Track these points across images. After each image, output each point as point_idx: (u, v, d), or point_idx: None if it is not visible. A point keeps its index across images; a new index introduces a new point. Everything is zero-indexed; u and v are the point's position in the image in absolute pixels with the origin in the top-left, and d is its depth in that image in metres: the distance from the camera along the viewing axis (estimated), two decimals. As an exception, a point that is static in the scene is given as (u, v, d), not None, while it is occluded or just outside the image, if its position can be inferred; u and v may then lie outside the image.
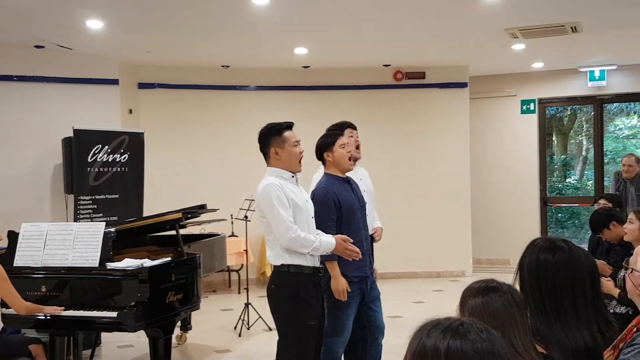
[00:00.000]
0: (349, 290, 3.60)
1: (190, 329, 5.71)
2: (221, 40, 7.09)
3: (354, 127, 4.36)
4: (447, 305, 8.14)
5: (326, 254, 3.40)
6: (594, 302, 1.95)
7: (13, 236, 4.03)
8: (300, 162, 3.43)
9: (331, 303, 3.67)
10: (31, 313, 3.58)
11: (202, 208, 4.96)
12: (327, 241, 3.33)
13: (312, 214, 3.48)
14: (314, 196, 3.70)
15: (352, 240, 3.46)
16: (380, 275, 8.65)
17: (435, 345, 1.17)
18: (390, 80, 8.87)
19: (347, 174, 3.92)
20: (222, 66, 8.43)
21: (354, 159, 4.19)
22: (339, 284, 3.57)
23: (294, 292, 3.28)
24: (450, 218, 8.79)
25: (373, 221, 4.45)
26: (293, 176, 3.44)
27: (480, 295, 1.77)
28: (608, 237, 4.50)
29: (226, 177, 8.34)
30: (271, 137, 3.40)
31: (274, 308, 3.36)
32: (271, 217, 3.27)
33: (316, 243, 3.28)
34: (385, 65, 8.70)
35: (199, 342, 5.86)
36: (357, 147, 4.31)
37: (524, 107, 9.57)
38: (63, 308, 3.69)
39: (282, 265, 3.31)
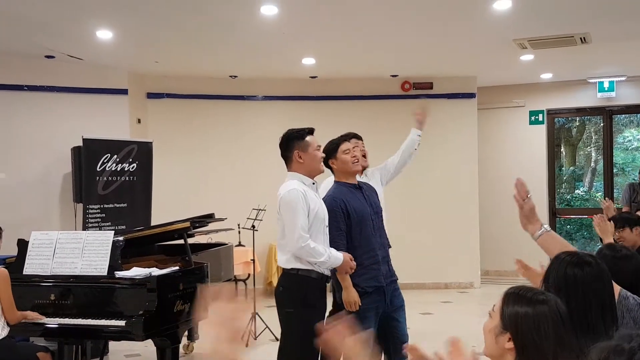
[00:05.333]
0: (360, 303, 3.53)
1: (198, 338, 5.70)
2: (229, 51, 7.13)
3: (359, 138, 4.35)
4: (456, 317, 8.05)
5: (330, 268, 3.40)
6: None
7: (23, 244, 4.04)
8: (321, 163, 3.50)
9: (352, 313, 3.58)
10: (18, 321, 3.60)
11: (209, 217, 4.96)
12: (336, 257, 3.35)
13: (327, 223, 3.48)
14: None
15: (352, 258, 3.43)
16: (387, 286, 8.69)
17: None
18: (398, 91, 8.87)
19: (363, 180, 3.93)
20: (230, 76, 8.47)
21: (362, 168, 4.20)
22: (350, 296, 3.52)
23: (301, 295, 3.31)
24: (458, 229, 8.76)
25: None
26: (314, 183, 3.48)
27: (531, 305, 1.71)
28: (628, 239, 4.40)
29: (234, 186, 8.35)
30: (294, 141, 3.46)
31: (281, 309, 3.39)
32: (287, 222, 3.31)
33: (325, 257, 3.30)
34: (393, 76, 8.71)
35: (206, 351, 5.84)
36: (364, 156, 4.29)
37: (533, 118, 9.54)
38: (43, 317, 3.71)
39: (292, 268, 3.35)
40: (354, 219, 3.62)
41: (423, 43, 6.96)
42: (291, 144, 3.46)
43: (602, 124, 9.68)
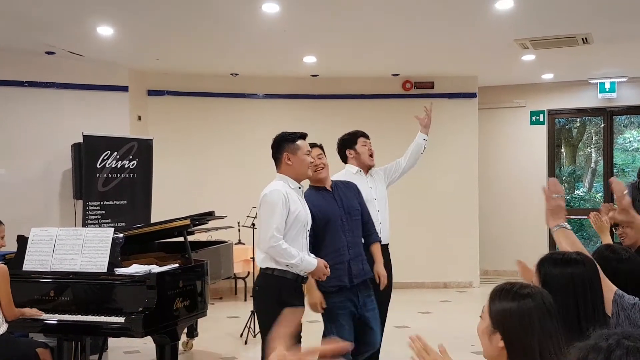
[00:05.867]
0: (323, 304, 3.56)
1: (197, 335, 5.70)
2: (230, 48, 7.12)
3: (366, 137, 4.43)
4: (455, 316, 8.05)
5: (304, 273, 3.41)
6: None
7: (22, 240, 4.04)
8: (309, 170, 3.55)
9: (325, 315, 3.66)
10: (16, 318, 3.60)
11: (209, 215, 4.96)
12: (309, 261, 3.38)
13: (308, 228, 3.52)
14: None
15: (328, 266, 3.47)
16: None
17: None
18: (399, 90, 8.87)
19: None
20: (231, 74, 8.46)
21: (368, 167, 4.32)
22: (311, 297, 3.58)
23: (276, 295, 3.32)
24: (458, 228, 8.76)
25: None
26: (300, 187, 3.51)
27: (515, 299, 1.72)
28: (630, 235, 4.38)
29: (234, 184, 8.34)
30: (285, 143, 3.50)
31: (258, 309, 3.48)
32: (263, 221, 3.38)
33: (296, 259, 3.32)
34: (394, 75, 8.70)
35: (205, 348, 5.85)
36: (371, 156, 4.38)
37: (533, 118, 9.53)
38: (42, 313, 3.71)
39: (267, 268, 3.39)
40: (319, 219, 3.65)
41: (424, 42, 6.96)
42: (282, 145, 3.50)
43: (602, 125, 9.68)
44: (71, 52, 7.00)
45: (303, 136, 3.55)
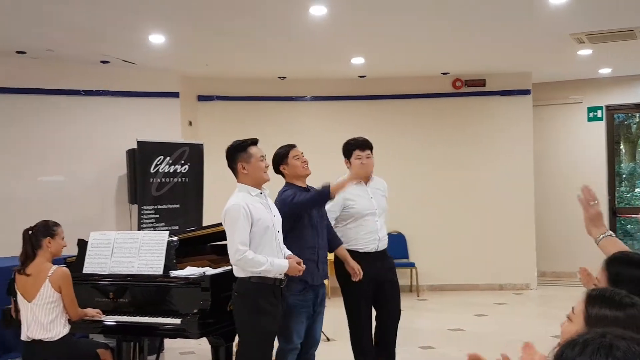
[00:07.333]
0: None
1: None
2: (278, 52, 7.15)
3: (362, 148, 4.29)
4: (512, 320, 7.82)
5: (279, 276, 3.46)
6: None
7: (82, 244, 4.14)
8: (265, 173, 3.60)
9: (285, 309, 3.73)
10: (79, 318, 3.70)
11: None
12: (279, 264, 3.42)
13: (279, 229, 3.58)
14: None
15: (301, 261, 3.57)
16: (439, 287, 8.57)
17: None
18: (449, 89, 8.73)
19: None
20: (279, 77, 8.51)
21: (366, 175, 4.31)
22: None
23: (254, 302, 3.40)
24: (513, 229, 8.54)
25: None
26: (261, 193, 3.58)
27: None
28: None
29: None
30: (237, 153, 3.56)
31: (236, 316, 3.51)
32: (228, 236, 3.44)
33: (265, 266, 3.36)
34: (444, 73, 8.57)
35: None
36: (366, 166, 4.33)
37: (591, 115, 9.24)
38: (101, 312, 3.81)
39: (244, 277, 3.44)
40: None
41: (475, 39, 6.82)
42: (235, 156, 3.55)
43: (664, 120, 9.29)
44: (125, 60, 7.17)
45: (254, 142, 3.61)
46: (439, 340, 6.05)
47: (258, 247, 3.42)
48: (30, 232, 3.71)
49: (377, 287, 4.20)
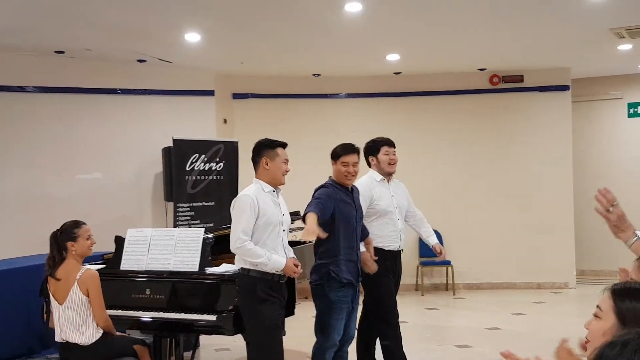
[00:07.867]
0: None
1: (284, 334, 5.73)
2: (312, 50, 7.14)
3: (390, 145, 4.48)
4: (550, 318, 7.63)
5: (275, 272, 3.51)
6: None
7: (120, 241, 4.20)
8: (284, 176, 3.70)
9: (322, 306, 3.89)
10: (105, 329, 3.64)
11: (295, 215, 4.97)
12: (277, 260, 3.48)
13: (286, 228, 3.68)
14: None
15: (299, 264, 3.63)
16: (476, 285, 8.47)
17: None
18: (486, 85, 8.59)
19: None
20: (313, 75, 8.50)
21: (387, 174, 4.44)
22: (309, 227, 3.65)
23: (254, 293, 3.49)
24: (552, 227, 8.37)
25: (428, 237, 4.65)
26: (274, 191, 3.66)
27: None
28: None
29: (317, 184, 8.35)
30: (265, 149, 3.66)
31: (241, 308, 3.59)
32: (233, 223, 3.52)
33: (263, 259, 3.44)
34: (481, 69, 8.44)
35: (293, 347, 5.86)
36: (391, 164, 4.45)
37: (631, 111, 9.00)
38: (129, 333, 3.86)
39: (243, 268, 3.53)
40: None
41: (512, 34, 6.70)
42: (262, 150, 3.65)
43: None
44: (161, 59, 7.26)
45: (283, 145, 3.71)
46: (476, 339, 5.97)
47: (260, 241, 3.50)
48: (55, 235, 3.67)
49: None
